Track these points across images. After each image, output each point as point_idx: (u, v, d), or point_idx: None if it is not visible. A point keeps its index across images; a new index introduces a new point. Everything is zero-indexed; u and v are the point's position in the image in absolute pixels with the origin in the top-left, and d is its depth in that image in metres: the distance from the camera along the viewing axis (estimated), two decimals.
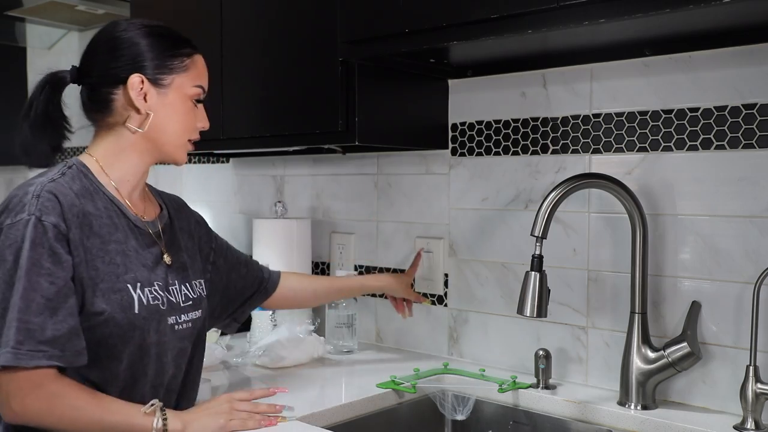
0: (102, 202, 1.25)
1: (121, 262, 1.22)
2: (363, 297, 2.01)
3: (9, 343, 1.10)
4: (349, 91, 1.61)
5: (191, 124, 1.32)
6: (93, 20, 2.78)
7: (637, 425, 1.40)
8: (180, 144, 1.32)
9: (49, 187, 1.19)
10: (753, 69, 1.37)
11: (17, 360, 1.10)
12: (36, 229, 1.14)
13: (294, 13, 1.72)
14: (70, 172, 1.26)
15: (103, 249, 1.21)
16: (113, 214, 1.26)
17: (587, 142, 1.59)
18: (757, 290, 1.30)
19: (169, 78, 1.29)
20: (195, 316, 1.33)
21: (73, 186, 1.23)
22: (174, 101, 1.29)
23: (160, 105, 1.28)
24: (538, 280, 1.36)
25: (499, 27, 1.32)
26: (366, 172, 2.02)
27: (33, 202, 1.16)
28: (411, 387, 1.57)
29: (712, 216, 1.43)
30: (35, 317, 1.12)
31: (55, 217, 1.16)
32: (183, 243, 1.39)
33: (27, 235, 1.13)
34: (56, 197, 1.18)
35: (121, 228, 1.26)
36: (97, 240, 1.21)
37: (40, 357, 1.11)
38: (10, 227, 1.15)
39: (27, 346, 1.11)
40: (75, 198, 1.20)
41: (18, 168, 3.37)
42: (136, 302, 1.22)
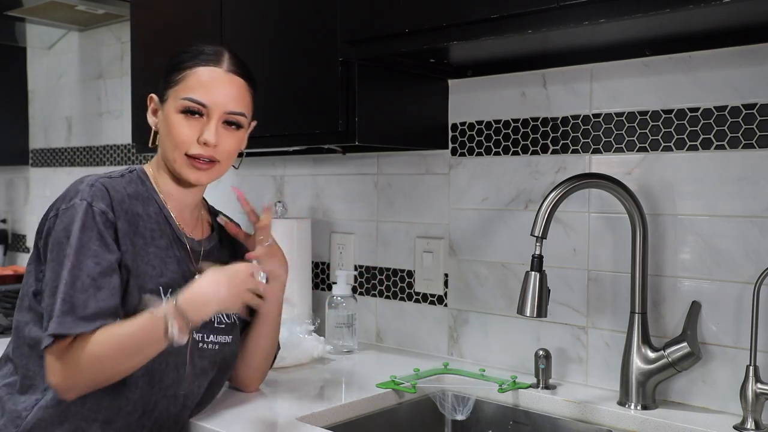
0: (153, 208, 1.31)
1: (158, 265, 1.27)
2: (363, 297, 2.01)
3: (57, 316, 1.15)
4: (349, 91, 1.61)
5: (181, 136, 1.28)
6: (93, 20, 2.78)
7: (637, 425, 1.40)
8: (176, 158, 1.30)
9: (103, 181, 1.26)
10: (753, 69, 1.37)
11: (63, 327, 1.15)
12: (87, 213, 1.20)
13: (294, 13, 1.72)
14: (130, 176, 1.32)
15: (144, 249, 1.26)
16: (161, 221, 1.31)
17: (587, 142, 1.59)
18: (757, 290, 1.30)
19: (167, 93, 1.31)
20: (224, 341, 1.36)
21: (128, 188, 1.29)
22: (167, 114, 1.31)
23: (161, 120, 1.33)
24: (538, 280, 1.36)
25: (499, 27, 1.32)
26: (366, 172, 2.02)
27: (86, 190, 1.23)
28: (411, 387, 1.57)
29: (712, 216, 1.43)
30: (80, 294, 1.17)
31: (104, 205, 1.22)
32: None
33: (78, 217, 1.20)
34: (107, 191, 1.24)
35: (165, 236, 1.31)
36: (141, 240, 1.27)
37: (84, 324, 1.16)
38: (65, 211, 1.22)
39: (72, 316, 1.16)
40: (126, 197, 1.27)
41: (18, 168, 3.37)
42: None
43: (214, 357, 1.34)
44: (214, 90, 1.29)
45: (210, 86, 1.29)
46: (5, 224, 3.44)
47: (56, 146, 3.17)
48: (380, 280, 1.99)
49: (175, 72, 1.31)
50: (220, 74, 1.30)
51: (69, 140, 3.10)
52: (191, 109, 1.29)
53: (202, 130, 1.29)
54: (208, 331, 1.33)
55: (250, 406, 1.44)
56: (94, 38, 2.95)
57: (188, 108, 1.28)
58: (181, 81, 1.29)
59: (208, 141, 1.28)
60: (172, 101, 1.30)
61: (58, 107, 3.16)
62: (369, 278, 2.01)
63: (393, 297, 1.96)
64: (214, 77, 1.30)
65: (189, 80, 1.29)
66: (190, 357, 1.29)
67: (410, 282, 1.92)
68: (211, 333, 1.34)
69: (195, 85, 1.29)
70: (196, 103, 1.28)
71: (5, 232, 3.42)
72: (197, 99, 1.28)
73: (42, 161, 3.25)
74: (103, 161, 2.91)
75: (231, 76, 1.32)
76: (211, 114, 1.29)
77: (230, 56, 1.33)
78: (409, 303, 1.93)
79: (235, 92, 1.32)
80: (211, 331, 1.34)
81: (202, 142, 1.29)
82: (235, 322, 1.39)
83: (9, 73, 3.30)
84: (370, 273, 2.01)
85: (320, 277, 2.15)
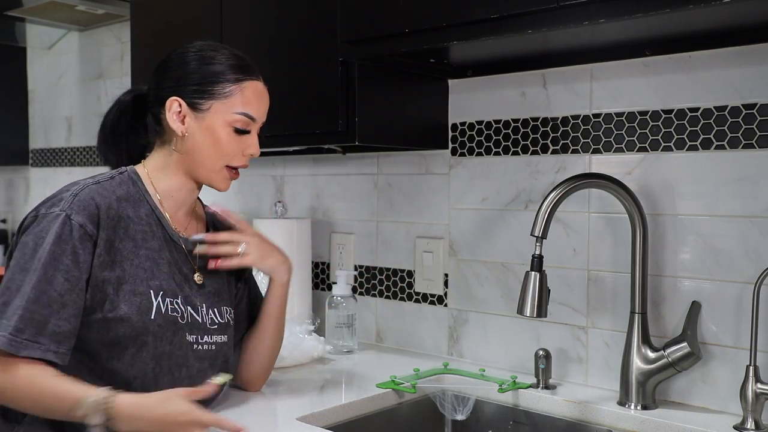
0: (144, 210, 1.30)
1: (149, 268, 1.26)
2: (363, 297, 2.01)
3: (9, 329, 1.12)
4: (349, 91, 1.61)
5: (228, 150, 1.31)
6: (93, 20, 2.78)
7: (637, 425, 1.40)
8: (214, 169, 1.31)
9: (90, 189, 1.24)
10: (753, 69, 1.37)
11: (11, 347, 1.12)
12: (63, 225, 1.18)
13: (294, 13, 1.72)
14: (120, 177, 1.31)
15: (134, 252, 1.25)
16: (152, 223, 1.30)
17: (587, 142, 1.59)
18: (757, 290, 1.30)
19: (208, 103, 1.29)
20: (221, 341, 1.35)
21: (118, 191, 1.27)
22: (211, 126, 1.30)
23: (196, 129, 1.30)
24: (538, 280, 1.36)
25: (499, 27, 1.32)
26: (366, 172, 2.02)
27: (69, 200, 1.21)
28: (411, 387, 1.57)
29: (712, 216, 1.43)
30: (43, 309, 1.14)
31: (84, 218, 1.20)
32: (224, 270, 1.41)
33: (53, 229, 1.17)
34: (93, 199, 1.22)
35: (157, 237, 1.29)
36: (130, 243, 1.25)
37: (35, 348, 1.13)
38: (43, 217, 1.20)
39: (26, 335, 1.13)
40: (115, 201, 1.25)
41: (18, 168, 3.37)
42: (154, 309, 1.24)
43: (214, 358, 1.33)
44: (261, 105, 1.34)
45: (258, 102, 1.33)
46: (5, 224, 3.44)
47: (56, 146, 3.17)
48: (380, 280, 1.99)
49: (219, 83, 1.29)
50: (262, 88, 1.35)
51: (69, 140, 3.11)
52: (245, 126, 1.31)
53: (246, 143, 1.32)
54: (201, 332, 1.31)
55: (250, 406, 1.44)
56: (94, 38, 2.95)
57: (243, 125, 1.31)
58: (231, 95, 1.29)
59: (255, 154, 1.34)
60: (220, 113, 1.29)
61: (58, 107, 3.16)
62: (369, 278, 2.01)
63: (393, 297, 1.96)
64: (260, 92, 1.34)
65: (242, 95, 1.30)
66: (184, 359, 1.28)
67: (410, 282, 1.92)
68: (205, 334, 1.32)
69: (248, 100, 1.31)
70: (251, 119, 1.32)
71: (5, 232, 3.42)
72: (252, 115, 1.32)
73: (42, 161, 3.25)
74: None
75: (266, 89, 1.36)
76: (254, 127, 1.33)
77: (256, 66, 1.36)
78: (409, 303, 1.93)
79: (268, 103, 1.37)
80: (205, 332, 1.32)
81: (248, 155, 1.33)
82: (228, 321, 1.38)
83: (9, 73, 3.30)
84: (370, 273, 2.01)
85: (320, 277, 2.15)
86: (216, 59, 1.31)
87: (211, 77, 1.30)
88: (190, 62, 1.31)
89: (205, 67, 1.30)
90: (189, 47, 1.34)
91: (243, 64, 1.32)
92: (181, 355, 1.28)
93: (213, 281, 1.37)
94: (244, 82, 1.31)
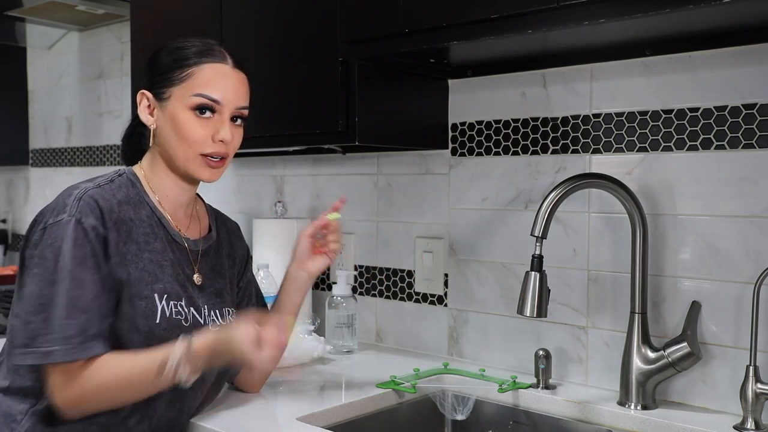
0: (145, 211, 1.29)
1: (152, 270, 1.26)
2: (363, 297, 2.01)
3: (58, 341, 1.14)
4: (349, 91, 1.61)
5: (194, 136, 1.27)
6: (93, 20, 2.78)
7: (637, 425, 1.40)
8: (188, 158, 1.29)
9: (92, 193, 1.23)
10: (753, 69, 1.37)
11: (69, 355, 1.14)
12: (76, 230, 1.18)
13: (294, 13, 1.72)
14: (119, 180, 1.30)
15: (137, 255, 1.25)
16: (154, 224, 1.30)
17: (587, 142, 1.59)
18: (757, 290, 1.30)
19: (169, 90, 1.28)
20: None
21: (118, 194, 1.27)
22: (172, 113, 1.28)
23: (162, 118, 1.30)
24: (538, 280, 1.36)
25: (499, 27, 1.32)
26: (366, 172, 2.02)
27: (74, 205, 1.20)
28: (411, 387, 1.57)
29: (712, 216, 1.43)
30: (83, 313, 1.16)
31: (93, 219, 1.20)
32: (226, 269, 1.41)
33: (68, 236, 1.17)
34: (96, 202, 1.22)
35: (159, 239, 1.29)
36: (134, 246, 1.25)
37: (90, 348, 1.16)
38: (51, 226, 1.19)
39: (77, 339, 1.15)
40: (116, 205, 1.25)
41: (18, 168, 3.37)
42: (159, 313, 1.24)
43: None
44: (225, 86, 1.28)
45: (221, 83, 1.28)
46: (5, 224, 3.44)
47: (56, 146, 3.17)
48: (380, 280, 1.99)
49: (177, 69, 1.28)
50: (228, 70, 1.30)
51: (69, 140, 3.10)
52: (205, 106, 1.27)
53: (216, 128, 1.28)
54: None
55: (250, 406, 1.44)
56: (94, 38, 2.95)
57: (202, 105, 1.26)
58: (187, 78, 1.27)
59: (225, 139, 1.28)
60: (179, 99, 1.27)
61: (58, 107, 3.16)
62: (369, 278, 2.01)
63: (393, 297, 1.96)
64: (224, 73, 1.29)
65: (198, 77, 1.27)
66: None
67: (410, 282, 1.92)
68: None
69: (206, 81, 1.27)
70: (210, 100, 1.27)
71: (5, 232, 3.42)
72: (211, 95, 1.27)
73: (42, 161, 3.25)
74: (103, 161, 2.91)
75: (237, 72, 1.32)
76: (223, 111, 1.29)
77: (230, 52, 1.33)
78: (409, 303, 1.93)
79: (242, 87, 1.32)
80: None
81: (218, 140, 1.28)
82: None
83: (9, 73, 3.30)
84: (370, 273, 2.01)
85: (320, 277, 2.14)
86: (181, 47, 1.30)
87: (171, 65, 1.29)
88: (160, 55, 1.31)
89: (169, 56, 1.30)
90: (169, 42, 1.33)
91: (204, 49, 1.30)
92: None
93: (214, 282, 1.37)
94: (202, 64, 1.28)
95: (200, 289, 1.34)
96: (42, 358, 1.15)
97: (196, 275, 1.34)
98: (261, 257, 1.97)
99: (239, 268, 1.48)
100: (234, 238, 1.49)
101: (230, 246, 1.46)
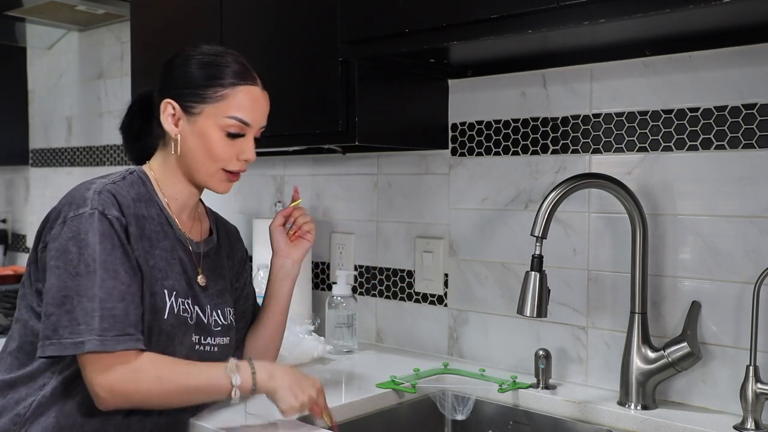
0: (155, 210, 1.31)
1: (163, 267, 1.27)
2: (363, 297, 2.01)
3: (94, 331, 1.14)
4: (349, 91, 1.61)
5: (221, 155, 1.29)
6: (93, 20, 2.78)
7: (637, 425, 1.40)
8: (209, 173, 1.31)
9: (110, 187, 1.25)
10: (753, 69, 1.37)
11: (104, 345, 1.14)
12: (101, 221, 1.19)
13: (294, 13, 1.72)
14: (131, 178, 1.32)
15: (150, 252, 1.26)
16: (163, 223, 1.31)
17: (587, 142, 1.59)
18: (757, 290, 1.30)
19: (200, 107, 1.29)
20: (223, 342, 1.36)
21: (131, 191, 1.28)
22: (202, 130, 1.29)
23: (189, 132, 1.30)
24: (538, 280, 1.36)
25: (499, 27, 1.32)
26: (366, 172, 2.02)
27: (95, 198, 1.21)
28: (411, 387, 1.57)
29: (712, 216, 1.43)
30: (119, 303, 1.17)
31: (116, 211, 1.22)
32: (226, 271, 1.43)
33: (93, 228, 1.18)
34: (114, 196, 1.23)
35: (169, 238, 1.31)
36: (147, 242, 1.26)
37: (127, 340, 1.16)
38: (73, 219, 1.20)
39: (113, 332, 1.15)
40: (131, 201, 1.26)
41: (18, 168, 3.37)
42: (167, 309, 1.25)
43: (215, 359, 1.33)
44: (257, 110, 1.32)
45: (254, 107, 1.31)
46: (5, 224, 3.44)
47: (56, 146, 3.17)
48: (380, 280, 1.99)
49: (211, 87, 1.28)
50: (259, 93, 1.33)
51: (69, 140, 3.11)
52: (238, 129, 1.29)
53: (242, 148, 1.31)
54: (205, 333, 1.32)
55: (250, 406, 1.44)
56: (94, 38, 2.95)
57: (236, 129, 1.29)
58: (222, 99, 1.28)
59: (250, 159, 1.32)
60: (212, 118, 1.28)
61: (58, 107, 3.16)
62: (369, 278, 2.01)
63: (393, 297, 1.96)
64: (256, 97, 1.32)
65: (234, 99, 1.29)
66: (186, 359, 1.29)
67: (410, 282, 1.92)
68: (209, 336, 1.33)
69: (241, 105, 1.29)
70: (244, 124, 1.30)
71: (5, 232, 3.42)
72: (245, 120, 1.30)
73: (42, 161, 3.25)
74: (103, 161, 2.91)
75: (265, 94, 1.34)
76: (250, 132, 1.32)
77: (258, 73, 1.34)
78: (409, 303, 1.93)
79: (267, 108, 1.35)
80: (208, 334, 1.33)
81: (243, 160, 1.32)
82: (231, 323, 1.39)
83: (9, 73, 3.30)
84: (370, 273, 2.01)
85: (320, 277, 2.15)
86: (214, 63, 1.30)
87: (205, 81, 1.29)
88: (189, 65, 1.31)
89: (201, 70, 1.30)
90: (194, 51, 1.33)
91: (239, 70, 1.31)
92: (184, 355, 1.28)
93: (216, 283, 1.39)
94: (237, 86, 1.29)
95: (204, 289, 1.35)
96: (70, 348, 1.14)
97: (200, 276, 1.35)
98: (261, 257, 1.97)
99: (237, 270, 1.50)
100: (233, 240, 1.51)
101: (230, 248, 1.48)
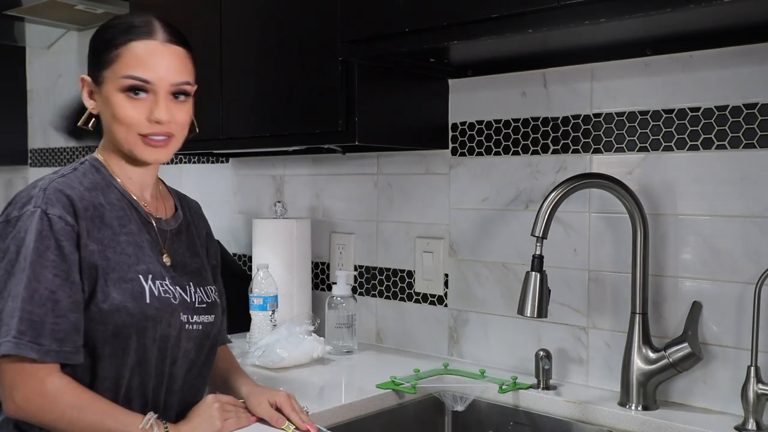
0: (114, 195, 1.27)
1: (132, 253, 1.24)
2: (363, 297, 2.01)
3: (11, 333, 1.11)
4: (349, 91, 1.60)
5: (128, 119, 1.22)
6: (92, 20, 2.77)
7: (638, 426, 1.39)
8: (128, 141, 1.25)
9: (57, 183, 1.21)
10: (754, 69, 1.37)
11: (18, 349, 1.10)
12: (41, 221, 1.15)
13: (294, 12, 1.71)
14: (83, 168, 1.28)
15: (114, 240, 1.22)
16: (125, 207, 1.27)
17: (588, 141, 1.59)
18: (759, 290, 1.30)
19: (102, 74, 1.25)
20: (207, 320, 1.32)
21: (84, 181, 1.24)
22: (107, 96, 1.24)
23: (100, 102, 1.27)
24: (539, 280, 1.36)
25: (499, 27, 1.31)
26: (366, 172, 2.02)
27: (39, 195, 1.18)
28: (411, 387, 1.57)
29: (713, 216, 1.42)
30: (38, 308, 1.13)
31: (60, 209, 1.17)
32: (198, 248, 1.40)
33: (32, 227, 1.15)
34: (62, 192, 1.19)
35: (134, 221, 1.27)
36: (109, 231, 1.22)
37: (38, 350, 1.12)
38: (16, 219, 1.17)
39: (28, 336, 1.12)
40: (84, 192, 1.22)
41: (18, 168, 3.37)
42: (147, 293, 1.22)
43: (201, 338, 1.31)
44: (155, 64, 1.23)
45: (149, 61, 1.22)
46: None
47: (55, 146, 3.17)
48: (380, 280, 1.99)
49: (105, 50, 1.24)
50: (156, 46, 1.23)
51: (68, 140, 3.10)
52: (134, 86, 1.21)
53: (151, 109, 1.23)
54: (191, 312, 1.29)
55: None
56: None
57: (131, 86, 1.21)
58: (116, 59, 1.23)
59: (160, 119, 1.23)
60: (110, 82, 1.23)
61: (58, 107, 3.15)
62: (369, 278, 2.01)
63: (393, 297, 1.96)
64: (152, 50, 1.23)
65: (125, 57, 1.22)
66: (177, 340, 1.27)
67: (410, 282, 1.92)
68: (194, 314, 1.30)
69: (134, 61, 1.22)
70: (139, 80, 1.22)
71: None
72: (139, 76, 1.22)
73: (41, 161, 3.25)
74: None
75: (169, 47, 1.25)
76: (157, 90, 1.23)
77: (162, 25, 1.27)
78: (409, 303, 1.93)
79: (177, 62, 1.25)
80: (194, 312, 1.30)
81: (154, 121, 1.23)
82: (215, 300, 1.36)
83: (8, 72, 3.29)
84: (370, 273, 2.01)
85: (320, 278, 2.14)
86: (110, 26, 1.26)
87: (99, 46, 1.25)
88: (93, 37, 1.28)
89: (98, 37, 1.27)
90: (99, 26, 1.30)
91: (130, 26, 1.24)
92: (175, 335, 1.26)
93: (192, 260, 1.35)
94: (129, 43, 1.22)
95: (179, 268, 1.32)
96: None
97: (165, 256, 1.30)
98: (261, 257, 1.96)
99: (207, 246, 1.45)
100: (197, 218, 1.45)
101: (195, 226, 1.43)
